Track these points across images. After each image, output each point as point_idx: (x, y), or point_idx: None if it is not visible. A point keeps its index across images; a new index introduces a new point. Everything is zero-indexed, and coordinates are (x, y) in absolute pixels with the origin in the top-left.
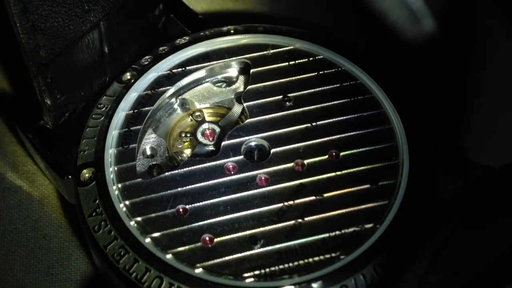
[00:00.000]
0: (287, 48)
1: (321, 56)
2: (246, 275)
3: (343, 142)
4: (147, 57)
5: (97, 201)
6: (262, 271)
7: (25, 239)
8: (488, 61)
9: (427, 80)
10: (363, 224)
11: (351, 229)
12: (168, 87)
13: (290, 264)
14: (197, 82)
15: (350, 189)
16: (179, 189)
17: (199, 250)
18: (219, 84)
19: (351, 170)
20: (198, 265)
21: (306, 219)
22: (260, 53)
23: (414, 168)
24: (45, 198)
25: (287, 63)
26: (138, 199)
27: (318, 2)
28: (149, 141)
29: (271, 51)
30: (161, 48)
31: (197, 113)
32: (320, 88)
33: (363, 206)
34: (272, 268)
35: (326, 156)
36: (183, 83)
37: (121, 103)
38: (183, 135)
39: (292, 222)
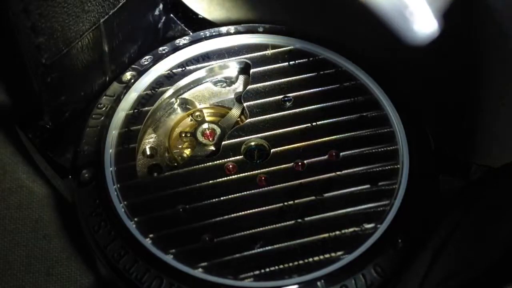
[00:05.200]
0: (287, 48)
1: (321, 56)
2: (246, 275)
3: (343, 142)
4: (147, 57)
5: (97, 201)
6: (262, 271)
7: (25, 239)
8: (488, 60)
9: (427, 80)
10: (363, 224)
11: (351, 229)
12: (168, 87)
13: (290, 264)
14: (197, 82)
15: (350, 189)
16: (179, 189)
17: (199, 250)
18: (219, 84)
19: (351, 170)
20: (198, 265)
21: (306, 219)
22: (260, 53)
23: (414, 168)
24: (45, 198)
25: (287, 63)
26: (138, 199)
27: (318, 2)
28: (149, 141)
29: (271, 51)
30: (161, 48)
31: (197, 113)
32: (320, 88)
33: (363, 206)
34: (272, 268)
35: (326, 156)
36: (183, 83)
37: (121, 103)
38: (183, 135)
39: (292, 222)
